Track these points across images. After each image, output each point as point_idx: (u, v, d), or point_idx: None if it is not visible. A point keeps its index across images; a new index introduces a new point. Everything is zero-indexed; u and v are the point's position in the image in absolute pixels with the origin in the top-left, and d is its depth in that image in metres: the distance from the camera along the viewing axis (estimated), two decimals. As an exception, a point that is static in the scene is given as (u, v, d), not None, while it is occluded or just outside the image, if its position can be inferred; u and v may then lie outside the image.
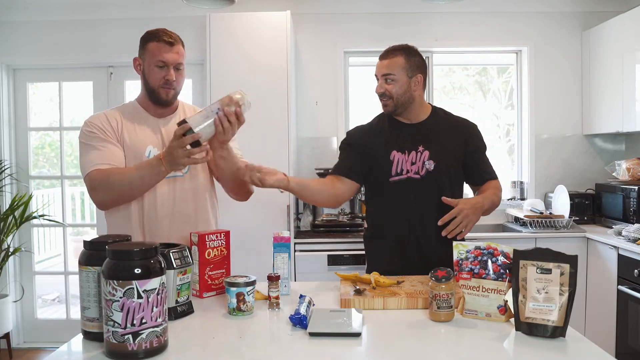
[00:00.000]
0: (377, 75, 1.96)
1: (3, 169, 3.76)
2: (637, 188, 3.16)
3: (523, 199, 3.84)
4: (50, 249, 4.62)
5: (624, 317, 2.90)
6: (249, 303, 1.49)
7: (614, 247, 2.98)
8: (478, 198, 1.89)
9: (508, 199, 3.89)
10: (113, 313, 1.13)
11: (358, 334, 1.31)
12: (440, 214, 1.84)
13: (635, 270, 2.78)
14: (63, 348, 1.30)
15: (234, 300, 1.48)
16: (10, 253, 3.64)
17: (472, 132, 2.03)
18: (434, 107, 2.04)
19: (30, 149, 3.96)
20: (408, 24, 3.81)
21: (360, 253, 3.14)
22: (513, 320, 1.35)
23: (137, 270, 1.14)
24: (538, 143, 3.89)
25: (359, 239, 3.17)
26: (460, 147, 1.97)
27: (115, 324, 1.13)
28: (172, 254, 1.43)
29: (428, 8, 3.72)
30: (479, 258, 1.44)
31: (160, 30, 1.75)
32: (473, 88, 4.23)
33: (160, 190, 1.76)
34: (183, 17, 3.61)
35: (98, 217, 3.97)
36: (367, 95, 4.03)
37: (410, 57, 1.92)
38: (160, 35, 1.74)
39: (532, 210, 3.55)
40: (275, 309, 1.54)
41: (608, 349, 2.70)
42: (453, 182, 1.96)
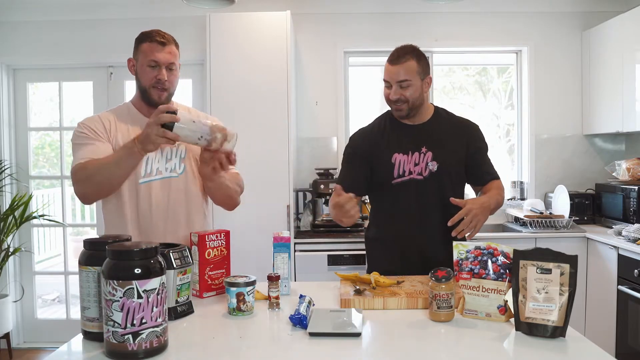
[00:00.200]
0: (388, 81, 1.90)
1: (3, 169, 3.76)
2: (637, 188, 3.16)
3: (523, 199, 3.84)
4: (50, 249, 4.62)
5: (624, 317, 2.90)
6: (249, 303, 1.49)
7: (614, 247, 2.98)
8: (484, 198, 1.88)
9: (508, 199, 3.88)
10: (113, 313, 1.13)
11: (358, 334, 1.31)
12: (442, 215, 1.83)
13: (635, 270, 2.78)
14: (63, 348, 1.30)
15: (234, 300, 1.48)
16: (10, 253, 3.64)
17: (474, 132, 2.03)
18: (436, 107, 2.04)
19: (30, 149, 3.96)
20: (408, 24, 3.81)
21: (360, 253, 3.15)
22: (513, 320, 1.35)
23: (137, 270, 1.14)
24: (538, 143, 3.89)
25: (359, 239, 3.17)
26: (463, 147, 1.97)
27: (115, 324, 1.13)
28: (172, 254, 1.43)
29: (428, 8, 3.71)
30: (479, 258, 1.45)
31: (154, 31, 1.77)
32: (473, 88, 4.23)
33: (155, 190, 1.77)
34: (183, 17, 3.62)
35: (98, 217, 3.96)
36: (367, 95, 4.03)
37: (421, 59, 1.90)
38: (153, 36, 1.75)
39: (532, 210, 3.55)
40: (275, 309, 1.54)
41: (608, 349, 2.70)
42: (455, 182, 1.96)
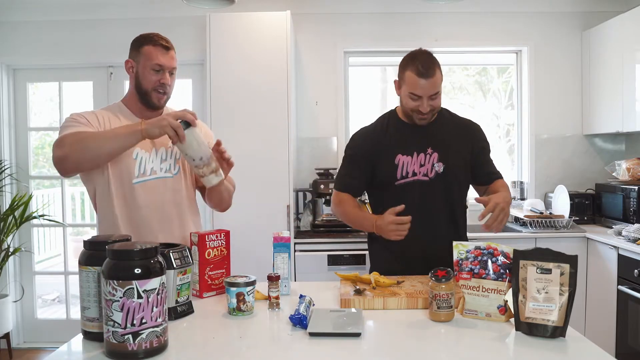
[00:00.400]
0: (419, 95, 1.82)
1: (3, 169, 3.76)
2: (637, 188, 3.16)
3: (523, 199, 3.83)
4: (50, 249, 4.62)
5: (624, 317, 2.90)
6: (249, 303, 1.49)
7: (614, 247, 2.98)
8: (505, 193, 1.88)
9: (508, 199, 3.88)
10: (113, 313, 1.13)
11: (358, 334, 1.31)
12: (447, 216, 1.83)
13: (635, 270, 2.78)
14: (63, 348, 1.30)
15: (234, 300, 1.48)
16: (10, 253, 3.64)
17: (477, 133, 2.03)
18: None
19: (30, 149, 3.96)
20: (408, 24, 3.80)
21: (360, 253, 3.15)
22: (513, 320, 1.35)
23: (137, 270, 1.14)
24: (538, 143, 3.89)
25: (359, 239, 3.18)
26: (467, 148, 1.97)
27: (115, 324, 1.13)
28: (172, 254, 1.43)
29: (428, 8, 3.71)
30: (479, 258, 1.45)
31: (155, 35, 1.78)
32: (473, 88, 4.23)
33: (150, 191, 1.76)
34: (183, 17, 3.62)
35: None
36: (367, 95, 4.03)
37: (440, 67, 1.87)
38: (157, 40, 1.76)
39: (532, 210, 3.55)
40: (275, 309, 1.54)
41: (608, 349, 2.69)
42: (461, 183, 1.97)
